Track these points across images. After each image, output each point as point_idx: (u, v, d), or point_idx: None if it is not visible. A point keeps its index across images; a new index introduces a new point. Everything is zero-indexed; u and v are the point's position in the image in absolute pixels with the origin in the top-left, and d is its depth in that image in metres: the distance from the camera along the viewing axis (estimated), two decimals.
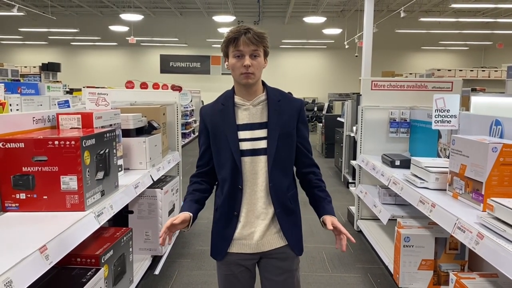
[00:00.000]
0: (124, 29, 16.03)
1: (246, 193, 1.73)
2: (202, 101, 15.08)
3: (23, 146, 2.00)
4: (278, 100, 1.75)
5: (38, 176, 2.02)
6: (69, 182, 2.03)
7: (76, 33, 17.61)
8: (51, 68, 13.39)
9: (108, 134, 2.35)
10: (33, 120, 2.35)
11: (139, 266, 3.04)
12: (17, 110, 4.33)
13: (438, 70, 11.42)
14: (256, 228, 1.74)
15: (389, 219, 3.33)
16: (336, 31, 15.38)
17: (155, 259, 3.35)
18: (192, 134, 11.92)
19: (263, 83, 1.79)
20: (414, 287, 2.75)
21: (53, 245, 1.66)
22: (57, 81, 12.90)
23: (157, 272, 3.27)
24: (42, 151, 2.00)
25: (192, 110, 11.91)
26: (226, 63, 1.72)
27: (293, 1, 14.84)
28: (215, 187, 1.87)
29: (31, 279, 1.48)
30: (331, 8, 16.39)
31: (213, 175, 1.83)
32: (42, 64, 13.21)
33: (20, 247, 1.58)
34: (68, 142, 2.00)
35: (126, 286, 2.63)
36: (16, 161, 2.01)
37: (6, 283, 1.35)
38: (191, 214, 1.72)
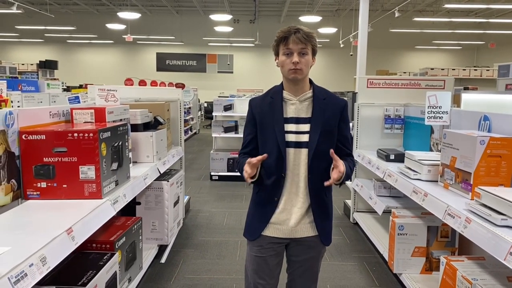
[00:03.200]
0: (121, 27, 16.11)
1: (287, 181, 1.86)
2: (199, 99, 15.21)
3: (44, 138, 2.14)
4: (323, 98, 1.87)
5: (58, 166, 2.16)
6: (87, 171, 2.17)
7: (73, 31, 17.67)
8: (48, 66, 13.46)
9: (121, 128, 2.49)
10: (50, 114, 2.48)
11: (146, 255, 3.19)
12: (18, 107, 4.44)
13: (432, 69, 11.62)
14: (292, 216, 1.88)
15: (383, 212, 3.50)
16: (331, 30, 15.56)
17: (161, 249, 3.50)
18: (190, 131, 12.03)
19: (310, 81, 1.91)
20: (407, 273, 2.93)
21: (77, 228, 1.80)
22: (55, 79, 12.98)
23: (163, 260, 3.42)
24: (62, 142, 2.14)
25: (190, 107, 12.02)
26: (276, 60, 1.85)
27: (288, 0, 14.99)
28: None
29: (61, 257, 1.62)
30: (326, 7, 16.59)
31: None
32: (40, 61, 13.27)
33: (49, 229, 1.72)
34: (86, 134, 2.14)
35: (136, 272, 2.78)
36: (37, 152, 2.14)
37: (42, 259, 1.50)
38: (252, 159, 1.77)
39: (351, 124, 5.74)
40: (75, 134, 2.14)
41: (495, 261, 2.07)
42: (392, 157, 3.57)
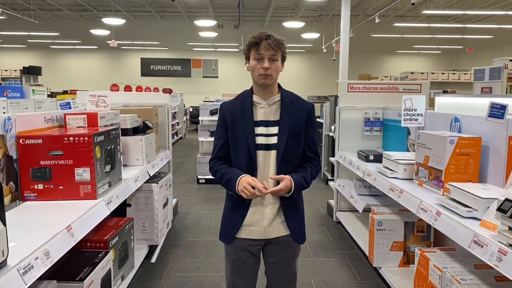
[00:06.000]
0: (105, 32, 16.12)
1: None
2: (184, 104, 15.30)
3: (41, 142, 2.25)
4: (291, 102, 1.96)
5: (55, 168, 2.26)
6: (82, 173, 2.28)
7: (56, 36, 17.59)
8: (32, 72, 13.39)
9: (113, 132, 2.61)
10: (44, 120, 2.59)
11: (137, 255, 3.29)
12: (4, 113, 4.49)
13: (412, 73, 11.91)
14: (264, 217, 1.94)
15: (364, 211, 3.68)
16: (314, 35, 15.84)
17: (151, 249, 3.61)
18: (176, 136, 12.11)
19: (279, 86, 2.00)
20: (386, 266, 3.10)
21: (76, 225, 1.92)
22: (39, 85, 12.92)
23: (153, 260, 3.54)
24: (58, 146, 2.25)
25: (175, 112, 12.10)
26: (247, 64, 1.92)
27: (272, 6, 15.22)
28: None
29: (62, 252, 1.74)
30: (309, 13, 16.87)
31: (229, 164, 2.01)
32: (23, 67, 13.19)
33: (49, 226, 1.83)
34: (82, 138, 2.25)
35: (129, 270, 2.90)
36: (34, 155, 2.25)
37: (45, 253, 1.62)
38: (247, 175, 1.87)
39: (332, 127, 5.96)
40: (71, 138, 2.25)
41: (464, 252, 2.24)
42: (371, 157, 3.75)
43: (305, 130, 1.97)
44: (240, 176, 1.87)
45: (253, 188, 1.82)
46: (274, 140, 1.92)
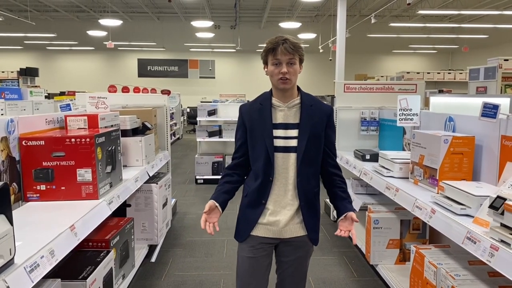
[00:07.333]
0: (102, 33, 16.12)
1: (276, 185, 1.93)
2: (181, 105, 15.32)
3: (43, 143, 2.29)
4: (310, 105, 1.96)
5: (57, 169, 2.31)
6: (84, 174, 2.33)
7: (53, 37, 17.58)
8: (29, 73, 13.37)
9: (114, 133, 2.66)
10: (46, 121, 2.63)
11: (137, 254, 3.34)
12: (2, 114, 4.51)
13: (408, 72, 11.97)
14: (282, 217, 1.94)
15: (361, 209, 3.72)
16: (311, 36, 15.88)
17: (151, 249, 3.65)
18: (173, 137, 12.14)
19: (298, 88, 2.00)
20: (383, 264, 3.15)
21: (79, 225, 1.96)
22: (36, 86, 12.92)
23: (153, 259, 3.58)
24: (60, 147, 2.30)
25: (173, 113, 12.12)
26: (265, 69, 1.92)
27: (269, 6, 15.27)
28: (246, 176, 2.06)
29: (66, 250, 1.78)
30: (306, 13, 16.94)
31: (246, 167, 2.05)
32: (20, 69, 13.18)
33: (53, 226, 1.88)
34: (83, 140, 2.30)
35: (129, 269, 2.94)
36: (37, 156, 2.29)
37: (50, 251, 1.66)
38: (214, 202, 1.95)
39: None
40: (73, 140, 2.30)
41: (458, 248, 2.29)
42: (367, 157, 3.81)
43: (325, 133, 1.98)
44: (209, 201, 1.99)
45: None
46: (293, 142, 1.93)
